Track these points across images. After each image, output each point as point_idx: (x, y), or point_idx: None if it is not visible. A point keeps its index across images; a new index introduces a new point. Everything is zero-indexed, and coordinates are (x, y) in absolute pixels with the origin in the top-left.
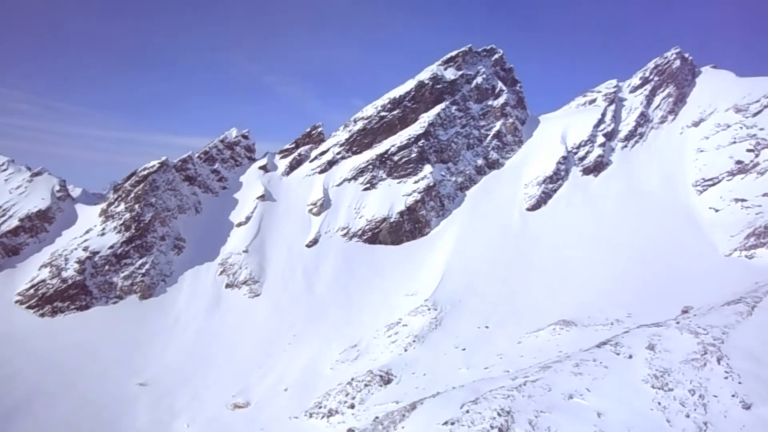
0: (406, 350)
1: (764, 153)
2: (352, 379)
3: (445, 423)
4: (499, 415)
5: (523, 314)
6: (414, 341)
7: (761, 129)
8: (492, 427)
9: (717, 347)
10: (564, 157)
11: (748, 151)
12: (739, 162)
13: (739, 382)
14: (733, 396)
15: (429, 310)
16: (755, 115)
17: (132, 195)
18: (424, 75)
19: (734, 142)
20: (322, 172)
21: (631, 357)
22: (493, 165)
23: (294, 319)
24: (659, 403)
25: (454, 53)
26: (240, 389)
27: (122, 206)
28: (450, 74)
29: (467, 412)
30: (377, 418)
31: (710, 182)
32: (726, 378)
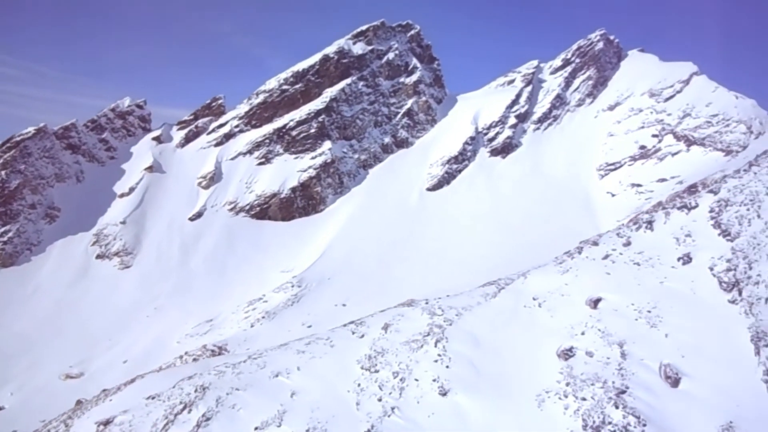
0: (252, 326)
1: (667, 139)
2: (185, 353)
3: (149, 397)
4: (195, 391)
5: (387, 293)
6: (263, 317)
7: (669, 114)
8: (180, 403)
9: (443, 329)
10: (472, 138)
11: (653, 136)
12: (642, 147)
13: (447, 366)
14: (434, 381)
15: (293, 287)
16: (667, 100)
17: (0, 161)
18: (330, 49)
19: (642, 127)
20: (218, 145)
21: (363, 336)
22: (402, 143)
23: (160, 292)
24: (359, 385)
25: (364, 27)
26: (80, 360)
27: None
28: (359, 49)
29: (174, 387)
30: (105, 390)
31: (612, 167)
32: (436, 361)
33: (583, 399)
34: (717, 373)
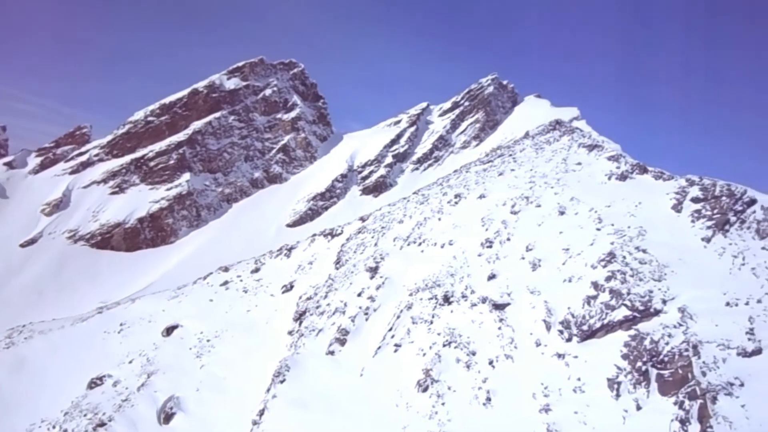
0: None
1: None
2: None
3: None
4: None
5: None
6: None
7: None
8: None
9: None
10: (343, 175)
11: None
12: None
13: None
14: None
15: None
16: None
17: None
18: (201, 83)
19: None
20: (73, 173)
21: None
22: (276, 179)
23: None
24: None
25: (241, 63)
26: None
27: None
28: (232, 84)
29: None
30: None
31: None
32: None
33: (65, 431)
34: (217, 409)
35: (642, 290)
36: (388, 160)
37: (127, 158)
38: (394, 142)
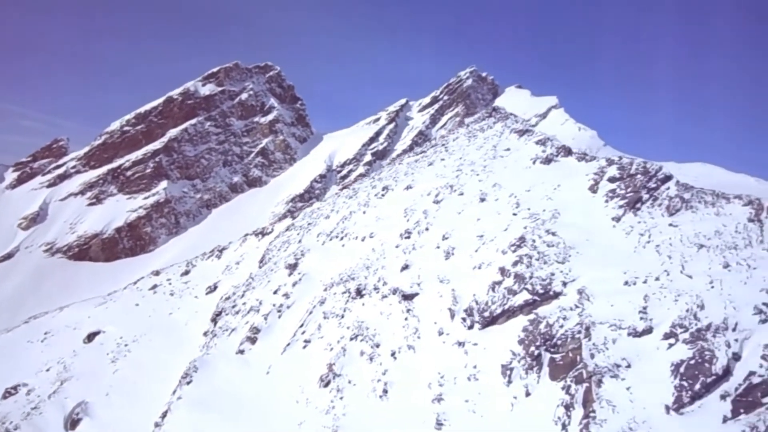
0: None
1: None
2: None
3: None
4: None
5: None
6: None
7: None
8: None
9: None
10: (322, 176)
11: None
12: None
13: None
14: None
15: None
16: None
17: None
18: (176, 90)
19: None
20: (50, 186)
21: None
22: (255, 182)
23: None
24: None
25: (216, 69)
26: None
27: None
28: (207, 90)
29: None
30: None
31: None
32: None
33: None
34: (124, 413)
35: (544, 273)
36: (367, 158)
37: (104, 169)
38: (373, 139)
